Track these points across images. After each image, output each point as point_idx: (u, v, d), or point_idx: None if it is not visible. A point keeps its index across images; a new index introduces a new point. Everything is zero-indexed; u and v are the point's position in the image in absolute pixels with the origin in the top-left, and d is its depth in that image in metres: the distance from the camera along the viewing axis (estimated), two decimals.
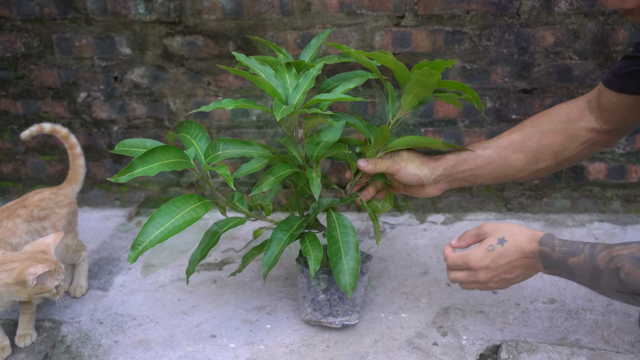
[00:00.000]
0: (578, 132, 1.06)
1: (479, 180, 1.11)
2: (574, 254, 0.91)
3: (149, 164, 0.96)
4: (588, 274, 0.89)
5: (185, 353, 1.13)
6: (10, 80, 1.67)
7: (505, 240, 0.96)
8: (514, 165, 1.09)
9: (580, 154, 1.08)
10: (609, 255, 0.86)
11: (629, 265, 0.83)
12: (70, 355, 1.14)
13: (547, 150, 1.07)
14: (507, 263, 0.97)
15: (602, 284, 0.88)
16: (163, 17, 1.56)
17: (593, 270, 0.88)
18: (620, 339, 1.12)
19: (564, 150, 1.07)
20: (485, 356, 1.11)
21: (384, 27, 1.52)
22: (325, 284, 1.13)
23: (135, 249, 0.97)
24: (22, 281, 1.02)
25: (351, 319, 1.16)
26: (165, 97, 1.65)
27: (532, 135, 1.08)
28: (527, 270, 0.98)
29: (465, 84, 1.56)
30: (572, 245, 0.92)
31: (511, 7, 1.48)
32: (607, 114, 1.04)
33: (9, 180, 1.80)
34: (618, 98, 1.01)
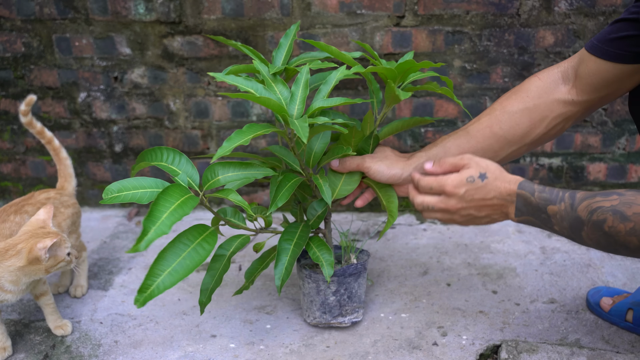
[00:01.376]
0: (549, 106, 1.02)
1: None
2: (553, 202, 0.89)
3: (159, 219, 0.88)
4: (568, 224, 0.88)
5: (185, 353, 1.13)
6: (10, 80, 1.67)
7: (486, 177, 0.93)
8: (486, 151, 1.06)
9: (554, 130, 1.05)
10: (590, 206, 0.85)
11: (612, 218, 0.82)
12: (70, 355, 1.14)
13: (517, 132, 1.04)
14: (480, 199, 0.93)
15: (584, 235, 0.86)
16: (163, 17, 1.56)
17: (574, 221, 0.87)
18: (620, 339, 1.12)
19: (535, 128, 1.03)
20: (485, 356, 1.11)
21: (384, 27, 1.52)
22: (335, 286, 1.13)
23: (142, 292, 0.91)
24: (34, 259, 1.03)
25: (358, 315, 1.18)
26: (165, 97, 1.65)
27: (501, 117, 1.04)
28: (495, 212, 0.95)
29: (465, 84, 1.56)
30: (551, 192, 0.90)
31: (511, 7, 1.48)
32: (584, 83, 0.99)
33: (9, 180, 1.80)
34: (599, 65, 0.96)
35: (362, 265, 1.15)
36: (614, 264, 1.38)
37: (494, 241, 1.52)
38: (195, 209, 1.77)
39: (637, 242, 0.81)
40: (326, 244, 1.10)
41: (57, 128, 1.72)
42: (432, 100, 1.58)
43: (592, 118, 1.57)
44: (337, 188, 1.10)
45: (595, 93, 0.99)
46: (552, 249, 1.46)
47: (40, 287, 1.16)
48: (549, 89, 1.03)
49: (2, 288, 1.05)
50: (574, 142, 1.60)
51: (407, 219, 1.67)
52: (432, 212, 0.98)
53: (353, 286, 1.14)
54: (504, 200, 0.93)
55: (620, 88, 0.98)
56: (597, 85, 0.98)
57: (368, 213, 1.71)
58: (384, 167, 1.06)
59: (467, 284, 1.33)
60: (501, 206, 0.94)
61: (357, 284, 1.15)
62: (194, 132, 1.68)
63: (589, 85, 0.99)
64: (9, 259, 1.03)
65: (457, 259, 1.44)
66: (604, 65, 0.95)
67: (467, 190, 0.93)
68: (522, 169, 1.64)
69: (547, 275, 1.35)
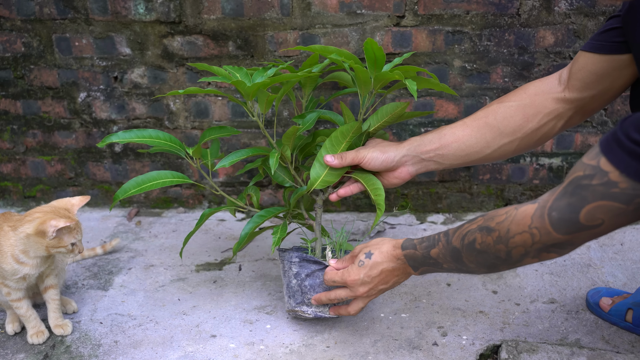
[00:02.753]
0: (543, 103, 1.06)
1: (446, 160, 1.11)
2: (433, 246, 0.96)
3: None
4: (450, 257, 0.94)
5: (185, 353, 1.13)
6: (10, 80, 1.67)
7: (371, 254, 1.02)
8: (479, 140, 1.08)
9: (545, 127, 1.07)
10: (461, 234, 0.92)
11: (480, 235, 0.88)
12: (70, 355, 1.14)
13: (510, 123, 1.07)
14: (378, 274, 1.02)
15: (465, 260, 0.92)
16: (163, 17, 1.56)
17: (452, 252, 0.93)
18: (620, 339, 1.12)
19: (528, 123, 1.06)
20: (485, 356, 1.11)
21: (384, 27, 1.52)
22: (296, 269, 1.13)
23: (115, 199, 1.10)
24: (41, 232, 1.06)
25: (325, 310, 1.13)
26: (164, 97, 1.65)
27: (496, 109, 1.08)
28: (399, 276, 1.03)
29: (465, 84, 1.56)
30: (429, 240, 0.98)
31: (511, 7, 1.48)
32: (575, 79, 1.02)
33: (9, 180, 1.80)
34: (587, 59, 1.00)
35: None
36: (614, 264, 1.38)
37: None
38: (196, 210, 1.77)
39: (505, 249, 0.85)
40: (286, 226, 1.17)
41: (57, 128, 1.72)
42: (432, 100, 1.58)
43: (592, 118, 1.57)
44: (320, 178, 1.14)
45: (585, 90, 1.02)
46: None
47: (50, 279, 1.18)
48: (545, 89, 1.07)
49: (17, 259, 1.09)
50: (574, 142, 1.60)
51: (407, 219, 1.67)
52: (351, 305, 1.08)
53: (318, 275, 1.12)
54: (399, 264, 1.01)
55: (611, 85, 1.00)
56: (587, 80, 1.01)
57: (368, 213, 1.71)
58: (377, 153, 1.11)
59: (467, 284, 1.33)
60: (400, 269, 1.02)
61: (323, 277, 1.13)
62: (193, 132, 1.67)
63: (579, 80, 1.02)
64: (24, 224, 1.08)
65: None
66: (591, 58, 0.99)
67: (364, 274, 1.02)
68: (522, 169, 1.64)
69: (547, 275, 1.35)
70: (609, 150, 0.74)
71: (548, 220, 0.79)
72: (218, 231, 1.64)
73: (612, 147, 0.74)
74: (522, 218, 0.83)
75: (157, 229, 1.66)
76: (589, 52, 1.00)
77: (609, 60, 0.98)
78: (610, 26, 0.97)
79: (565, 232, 0.79)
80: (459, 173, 1.66)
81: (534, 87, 1.08)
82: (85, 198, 1.17)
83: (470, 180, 1.66)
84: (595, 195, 0.75)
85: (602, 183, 0.74)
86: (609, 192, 0.74)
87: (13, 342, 1.18)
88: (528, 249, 0.83)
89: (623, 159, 0.72)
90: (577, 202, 0.77)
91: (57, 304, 1.20)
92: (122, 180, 1.76)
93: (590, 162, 0.76)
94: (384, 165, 1.11)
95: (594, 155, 0.76)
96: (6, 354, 1.15)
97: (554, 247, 0.82)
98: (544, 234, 0.80)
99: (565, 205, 0.78)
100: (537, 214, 0.81)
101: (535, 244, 0.82)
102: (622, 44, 0.95)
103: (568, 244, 0.81)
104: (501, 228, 0.85)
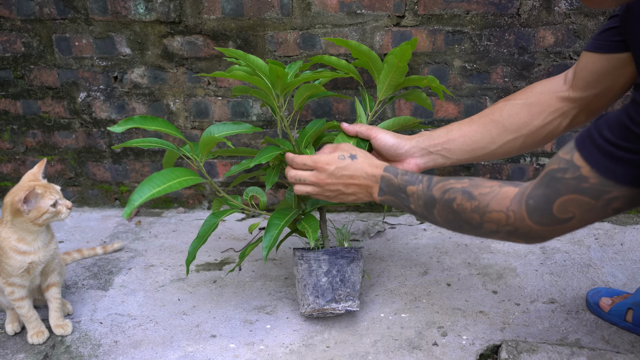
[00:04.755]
0: (548, 101, 1.08)
1: (453, 155, 1.13)
2: (413, 183, 0.97)
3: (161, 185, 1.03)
4: (422, 202, 0.95)
5: (185, 353, 1.13)
6: (10, 80, 1.67)
7: (356, 157, 1.03)
8: (484, 136, 1.11)
9: (550, 125, 1.09)
10: (443, 187, 0.93)
11: (461, 197, 0.90)
12: (70, 355, 1.14)
13: (515, 120, 1.09)
14: (348, 176, 1.02)
15: (435, 212, 0.94)
16: (163, 17, 1.56)
17: (428, 199, 0.94)
18: (620, 339, 1.12)
19: (533, 120, 1.08)
20: (485, 356, 1.11)
21: (384, 27, 1.52)
22: (327, 266, 1.14)
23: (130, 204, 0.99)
24: (16, 211, 1.07)
25: (353, 304, 1.16)
26: (165, 97, 1.65)
27: (502, 107, 1.11)
28: (361, 191, 1.03)
29: (465, 83, 1.56)
30: (412, 175, 0.98)
31: (511, 7, 1.48)
32: (578, 78, 1.05)
33: (9, 180, 1.80)
34: (588, 58, 1.02)
35: (356, 251, 1.17)
36: (614, 264, 1.38)
37: (494, 241, 1.52)
38: (196, 210, 1.77)
39: (479, 219, 0.88)
40: (315, 219, 1.14)
41: (57, 128, 1.72)
42: (433, 100, 1.58)
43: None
44: None
45: (588, 89, 1.04)
46: (552, 249, 1.46)
47: (54, 276, 1.18)
48: (551, 88, 1.09)
49: (18, 250, 1.10)
50: None
51: (407, 219, 1.67)
52: (304, 185, 1.06)
53: (346, 270, 1.15)
54: (369, 181, 1.01)
55: (614, 84, 1.02)
56: (589, 79, 1.03)
57: (368, 213, 1.71)
58: (389, 136, 1.13)
59: (467, 284, 1.33)
60: (367, 186, 1.02)
61: (350, 269, 1.15)
62: (193, 132, 1.67)
63: (582, 79, 1.04)
64: (4, 214, 1.10)
65: (457, 259, 1.44)
66: (592, 58, 1.01)
67: (336, 167, 1.02)
68: (522, 169, 1.64)
69: (547, 275, 1.35)
70: (583, 146, 0.77)
71: (524, 207, 0.82)
72: (218, 231, 1.64)
73: (585, 143, 0.77)
74: (502, 198, 0.85)
75: (157, 229, 1.66)
76: (590, 52, 1.01)
77: (609, 59, 0.99)
78: (609, 25, 0.98)
79: (538, 221, 0.81)
80: (459, 173, 1.66)
81: (541, 86, 1.10)
82: (42, 161, 1.16)
83: None
84: (568, 188, 0.78)
85: (574, 177, 0.77)
86: (579, 186, 0.77)
87: (13, 342, 1.18)
88: (500, 228, 0.86)
89: (594, 155, 0.75)
90: (551, 194, 0.80)
91: (59, 303, 1.20)
92: (122, 180, 1.76)
93: (564, 156, 0.79)
94: (393, 149, 1.12)
95: (569, 150, 0.79)
96: (6, 354, 1.15)
97: (524, 235, 0.85)
98: (518, 218, 0.83)
99: (541, 194, 0.81)
100: (517, 198, 0.84)
101: (508, 225, 0.85)
102: (621, 42, 0.97)
103: (538, 236, 0.84)
104: (482, 200, 0.87)
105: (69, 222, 1.70)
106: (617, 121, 0.73)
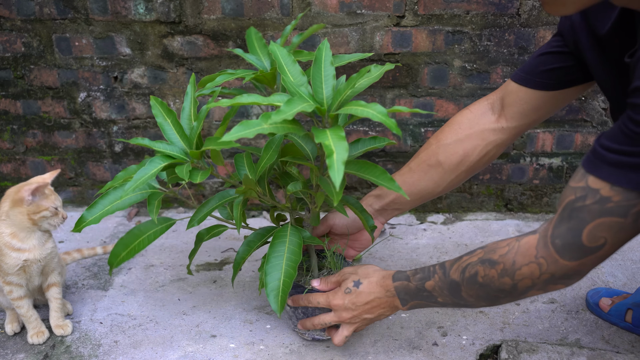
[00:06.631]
0: (481, 135, 1.10)
1: (405, 206, 1.17)
2: (428, 278, 0.94)
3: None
4: (447, 291, 0.92)
5: (185, 353, 1.13)
6: (10, 80, 1.67)
7: (360, 283, 1.00)
8: (428, 183, 1.14)
9: (487, 157, 1.11)
10: (460, 267, 0.90)
11: (482, 268, 0.87)
12: (70, 355, 1.14)
13: (452, 160, 1.11)
14: (364, 303, 1.00)
15: (464, 295, 0.90)
16: (163, 17, 1.56)
17: (451, 285, 0.91)
18: (620, 339, 1.12)
19: (468, 156, 1.10)
20: (485, 356, 1.11)
21: (384, 27, 1.52)
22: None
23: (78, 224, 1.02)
24: (18, 200, 1.08)
25: (322, 333, 1.12)
26: (165, 97, 1.65)
27: (436, 150, 1.12)
28: (385, 309, 1.00)
29: (465, 84, 1.56)
30: (423, 271, 0.95)
31: (511, 7, 1.48)
32: (514, 111, 1.06)
33: (9, 180, 1.80)
34: (530, 95, 1.04)
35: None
36: (614, 264, 1.38)
37: (495, 241, 1.52)
38: None
39: (511, 281, 0.84)
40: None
41: (57, 128, 1.72)
42: (433, 100, 1.58)
43: (592, 118, 1.57)
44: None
45: (525, 119, 1.07)
46: None
47: (54, 275, 1.18)
48: (479, 120, 1.10)
49: (12, 247, 1.10)
50: (574, 142, 1.60)
51: (407, 219, 1.67)
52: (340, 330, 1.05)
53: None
54: (387, 297, 0.99)
55: (549, 111, 1.06)
56: (528, 112, 1.06)
57: None
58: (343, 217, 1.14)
59: None
60: (387, 302, 0.99)
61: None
62: None
63: (519, 113, 1.06)
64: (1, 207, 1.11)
65: None
66: (535, 94, 1.04)
67: (349, 300, 1.00)
68: (522, 169, 1.64)
69: None
70: (594, 167, 0.74)
71: (553, 249, 0.79)
72: None
73: (595, 164, 0.74)
74: (526, 249, 0.82)
75: None
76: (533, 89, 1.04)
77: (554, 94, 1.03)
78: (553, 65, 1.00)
79: (571, 257, 0.78)
80: None
81: (467, 119, 1.12)
82: (55, 172, 1.17)
83: (470, 180, 1.66)
84: (592, 214, 0.75)
85: (595, 201, 0.74)
86: (604, 208, 0.74)
87: (13, 342, 1.18)
88: (535, 281, 0.82)
89: (610, 171, 0.72)
90: (577, 225, 0.76)
91: (59, 303, 1.20)
92: None
93: (578, 185, 0.76)
94: (354, 225, 1.15)
95: (580, 177, 0.76)
96: (6, 354, 1.15)
97: (562, 277, 0.81)
98: (551, 262, 0.79)
99: (566, 230, 0.77)
100: (541, 243, 0.80)
101: (543, 274, 0.81)
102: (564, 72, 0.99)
103: (575, 272, 0.80)
104: (506, 260, 0.84)
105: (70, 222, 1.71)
106: (622, 132, 0.71)
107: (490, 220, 1.64)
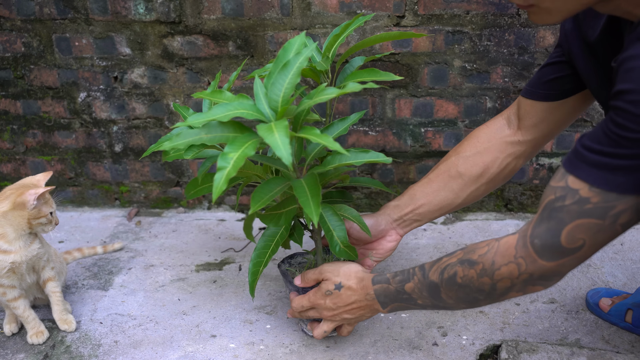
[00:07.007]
0: (499, 148, 1.11)
1: (424, 217, 1.16)
2: (408, 280, 0.94)
3: None
4: (427, 293, 0.92)
5: (185, 353, 1.13)
6: (10, 80, 1.67)
7: (341, 286, 1.01)
8: (448, 194, 1.13)
9: (507, 169, 1.12)
10: (439, 268, 0.90)
11: (461, 268, 0.87)
12: (70, 355, 1.14)
13: (473, 172, 1.11)
14: (345, 304, 1.01)
15: (443, 295, 0.90)
16: (163, 17, 1.56)
17: (430, 287, 0.91)
18: (620, 339, 1.12)
19: (489, 168, 1.11)
20: (485, 356, 1.11)
21: (384, 27, 1.52)
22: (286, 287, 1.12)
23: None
24: (20, 203, 1.07)
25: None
26: (165, 97, 1.65)
27: (456, 162, 1.13)
28: (365, 311, 1.02)
29: (465, 84, 1.56)
30: (403, 273, 0.96)
31: (511, 7, 1.48)
32: (527, 124, 1.08)
33: (9, 180, 1.80)
34: (536, 107, 1.05)
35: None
36: (614, 264, 1.38)
37: None
38: (196, 210, 1.77)
39: (490, 281, 0.84)
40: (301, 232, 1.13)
41: (57, 128, 1.72)
42: (433, 100, 1.58)
43: (592, 118, 1.57)
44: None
45: (538, 132, 1.08)
46: None
47: (46, 271, 1.18)
48: (496, 134, 1.12)
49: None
50: (574, 142, 1.60)
51: None
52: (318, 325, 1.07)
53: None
54: (366, 300, 1.00)
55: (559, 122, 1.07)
56: (538, 124, 1.07)
57: None
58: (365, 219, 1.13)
59: None
60: (367, 305, 1.00)
61: None
62: None
63: (532, 125, 1.08)
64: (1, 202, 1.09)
65: None
66: (541, 106, 1.05)
67: (330, 300, 1.02)
68: (522, 169, 1.64)
69: None
70: (574, 167, 0.75)
71: (532, 249, 0.79)
72: (218, 231, 1.64)
73: (575, 163, 0.75)
74: (506, 249, 0.82)
75: (157, 229, 1.66)
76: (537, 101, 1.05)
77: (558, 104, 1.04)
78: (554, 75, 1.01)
79: (550, 258, 0.78)
80: None
81: (484, 134, 1.13)
82: (48, 173, 1.17)
83: None
84: (571, 215, 0.75)
85: (574, 202, 0.74)
86: (583, 210, 0.74)
87: (13, 342, 1.18)
88: (514, 281, 0.82)
89: (589, 172, 0.72)
90: (556, 226, 0.76)
91: (59, 296, 1.20)
92: (122, 181, 1.76)
93: (558, 184, 0.77)
94: (373, 229, 1.14)
95: (561, 177, 0.77)
96: (6, 354, 1.15)
97: (540, 278, 0.81)
98: (529, 262, 0.80)
99: (545, 230, 0.78)
100: (520, 243, 0.81)
101: (522, 274, 0.81)
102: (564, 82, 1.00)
103: (554, 273, 0.80)
104: (485, 260, 0.84)
105: (70, 222, 1.70)
106: (604, 133, 0.71)
107: (490, 220, 1.64)
